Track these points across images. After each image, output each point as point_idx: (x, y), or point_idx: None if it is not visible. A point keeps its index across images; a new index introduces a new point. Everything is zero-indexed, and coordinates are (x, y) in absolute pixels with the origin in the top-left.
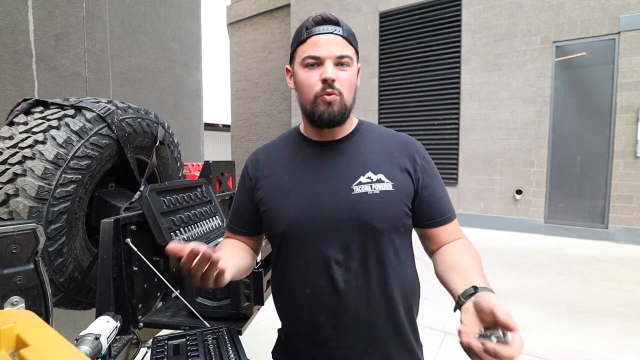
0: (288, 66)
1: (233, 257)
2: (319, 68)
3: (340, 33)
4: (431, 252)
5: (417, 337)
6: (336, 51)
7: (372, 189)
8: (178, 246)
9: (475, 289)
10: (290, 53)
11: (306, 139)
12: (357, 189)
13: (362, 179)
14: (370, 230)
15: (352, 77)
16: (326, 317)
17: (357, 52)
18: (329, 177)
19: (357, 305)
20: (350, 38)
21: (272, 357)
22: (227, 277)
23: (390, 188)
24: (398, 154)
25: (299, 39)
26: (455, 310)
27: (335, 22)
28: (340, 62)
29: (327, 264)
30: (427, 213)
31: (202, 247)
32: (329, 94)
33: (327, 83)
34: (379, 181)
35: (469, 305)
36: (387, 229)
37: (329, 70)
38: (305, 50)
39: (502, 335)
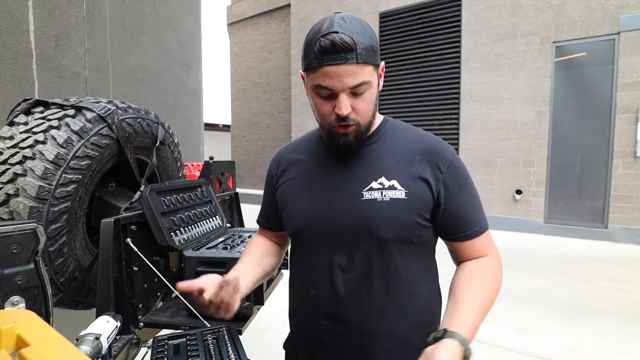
0: (302, 72)
1: (254, 269)
2: (332, 99)
3: (354, 61)
4: (456, 264)
5: None
6: (350, 83)
7: (382, 195)
8: (187, 285)
9: (445, 332)
10: (301, 58)
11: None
12: (367, 195)
13: (374, 184)
14: (376, 239)
15: (370, 100)
16: (327, 322)
17: (375, 64)
18: (343, 181)
19: (357, 315)
20: (367, 58)
21: (284, 349)
22: (236, 304)
23: (403, 196)
24: (419, 159)
25: (309, 65)
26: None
27: (347, 48)
28: (355, 91)
29: (331, 269)
30: (450, 227)
31: (209, 288)
32: (344, 126)
33: (341, 117)
34: (391, 188)
35: (428, 349)
36: (395, 240)
37: (343, 106)
38: (315, 79)
39: None
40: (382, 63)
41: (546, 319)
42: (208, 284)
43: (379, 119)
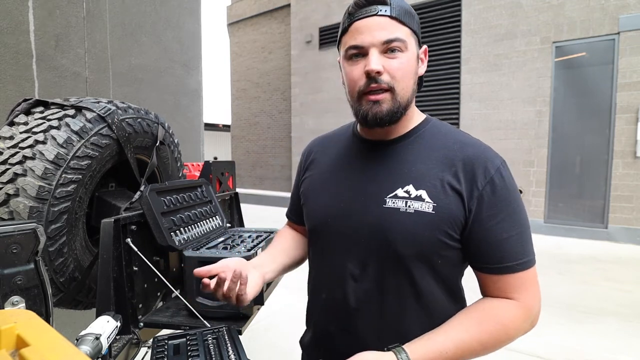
0: (340, 59)
1: (281, 255)
2: (363, 59)
3: (387, 13)
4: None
5: None
6: (381, 36)
7: (406, 206)
8: (205, 270)
9: (397, 347)
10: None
11: (358, 137)
12: (390, 203)
13: (399, 192)
14: (393, 253)
15: (407, 65)
16: (336, 329)
17: (415, 32)
18: (367, 183)
19: (368, 330)
20: (402, 17)
21: (300, 344)
22: (250, 295)
23: (429, 210)
24: (456, 169)
25: (342, 28)
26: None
27: (380, 1)
28: (389, 47)
29: (343, 276)
30: (475, 254)
31: (228, 272)
32: (375, 91)
33: (371, 77)
34: (418, 199)
35: (363, 353)
36: (414, 257)
37: (373, 60)
38: (347, 41)
39: None
40: (425, 47)
41: (546, 319)
42: (224, 271)
43: (420, 116)
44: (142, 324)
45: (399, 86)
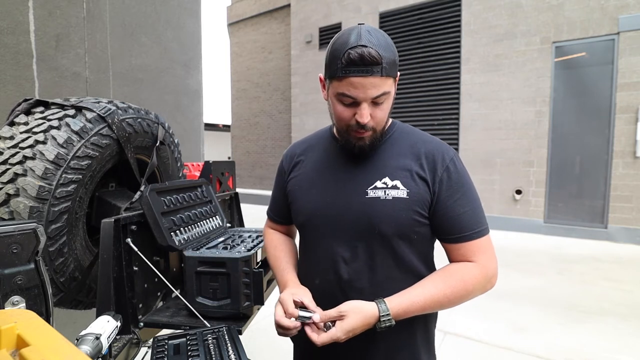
0: (322, 76)
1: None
2: (353, 107)
3: (379, 74)
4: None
5: (429, 348)
6: (372, 93)
7: (385, 194)
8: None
9: (380, 299)
10: (324, 65)
11: (337, 140)
12: (371, 193)
13: (378, 183)
14: (378, 234)
15: (388, 108)
16: (330, 308)
17: (395, 76)
18: (349, 179)
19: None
20: (389, 71)
21: (292, 340)
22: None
23: (404, 196)
24: (421, 161)
25: (334, 73)
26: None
27: (374, 62)
28: (376, 101)
29: (335, 260)
30: (440, 228)
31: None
32: (361, 132)
33: (360, 124)
34: (394, 188)
35: (354, 301)
36: (395, 235)
37: (364, 114)
38: (340, 88)
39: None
40: (398, 74)
41: (546, 319)
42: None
43: (388, 122)
44: (142, 323)
45: (379, 126)
